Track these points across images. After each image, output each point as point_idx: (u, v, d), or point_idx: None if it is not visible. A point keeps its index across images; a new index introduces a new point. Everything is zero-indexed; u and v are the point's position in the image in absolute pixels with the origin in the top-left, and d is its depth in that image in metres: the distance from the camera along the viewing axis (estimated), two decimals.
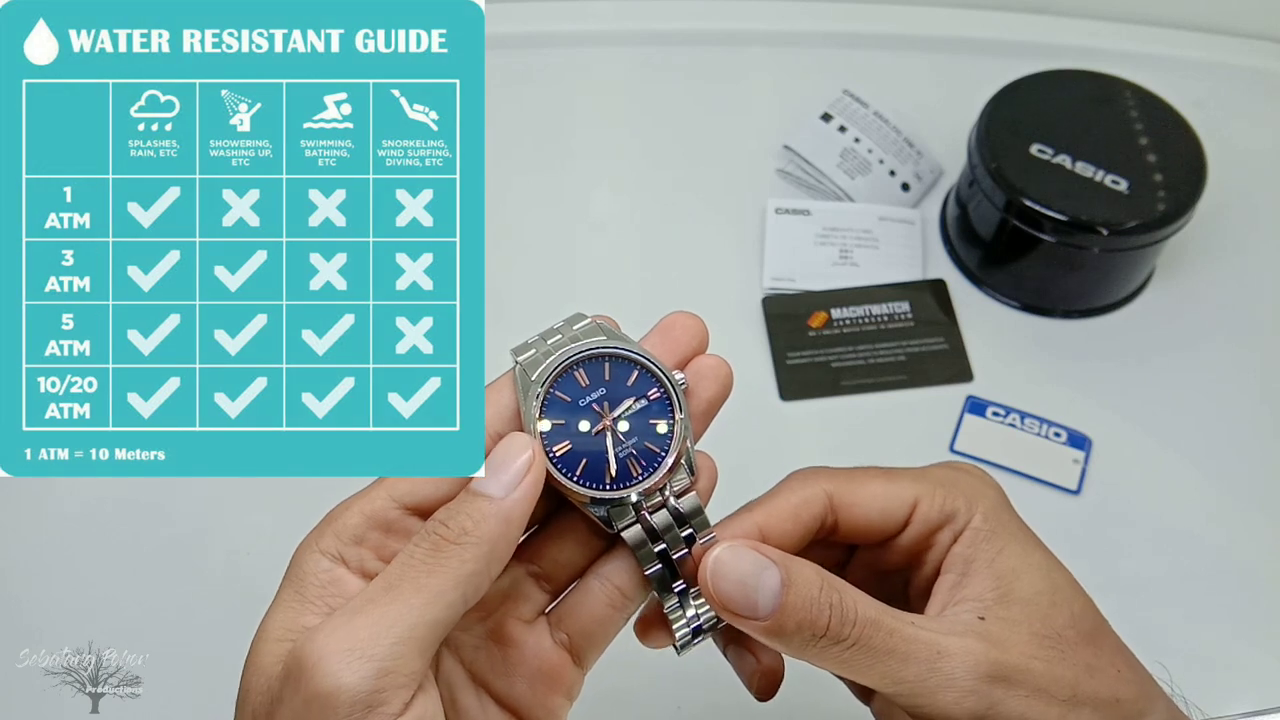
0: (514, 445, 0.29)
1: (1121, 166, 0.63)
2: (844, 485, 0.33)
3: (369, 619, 0.26)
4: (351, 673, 0.25)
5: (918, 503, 0.32)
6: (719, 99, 0.77)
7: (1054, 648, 0.30)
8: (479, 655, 0.31)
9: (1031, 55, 0.73)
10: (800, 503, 0.32)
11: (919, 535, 0.32)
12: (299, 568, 0.29)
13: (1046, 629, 0.30)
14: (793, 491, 0.33)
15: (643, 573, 0.31)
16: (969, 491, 0.33)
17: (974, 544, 0.32)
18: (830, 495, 0.32)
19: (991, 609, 0.30)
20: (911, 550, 0.33)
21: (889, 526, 0.33)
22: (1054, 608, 0.31)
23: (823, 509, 0.32)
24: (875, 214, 0.69)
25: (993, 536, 0.32)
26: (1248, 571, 0.57)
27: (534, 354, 0.31)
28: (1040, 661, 0.30)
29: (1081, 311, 0.66)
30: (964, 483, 0.33)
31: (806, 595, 0.29)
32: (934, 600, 0.32)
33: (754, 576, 0.29)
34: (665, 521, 0.31)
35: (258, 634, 0.28)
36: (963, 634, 0.30)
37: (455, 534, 0.27)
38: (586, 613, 0.32)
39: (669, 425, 0.31)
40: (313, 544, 0.29)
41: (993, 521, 0.32)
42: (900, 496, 0.32)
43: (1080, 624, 0.31)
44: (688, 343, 0.32)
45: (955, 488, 0.33)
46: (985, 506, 0.32)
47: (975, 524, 0.32)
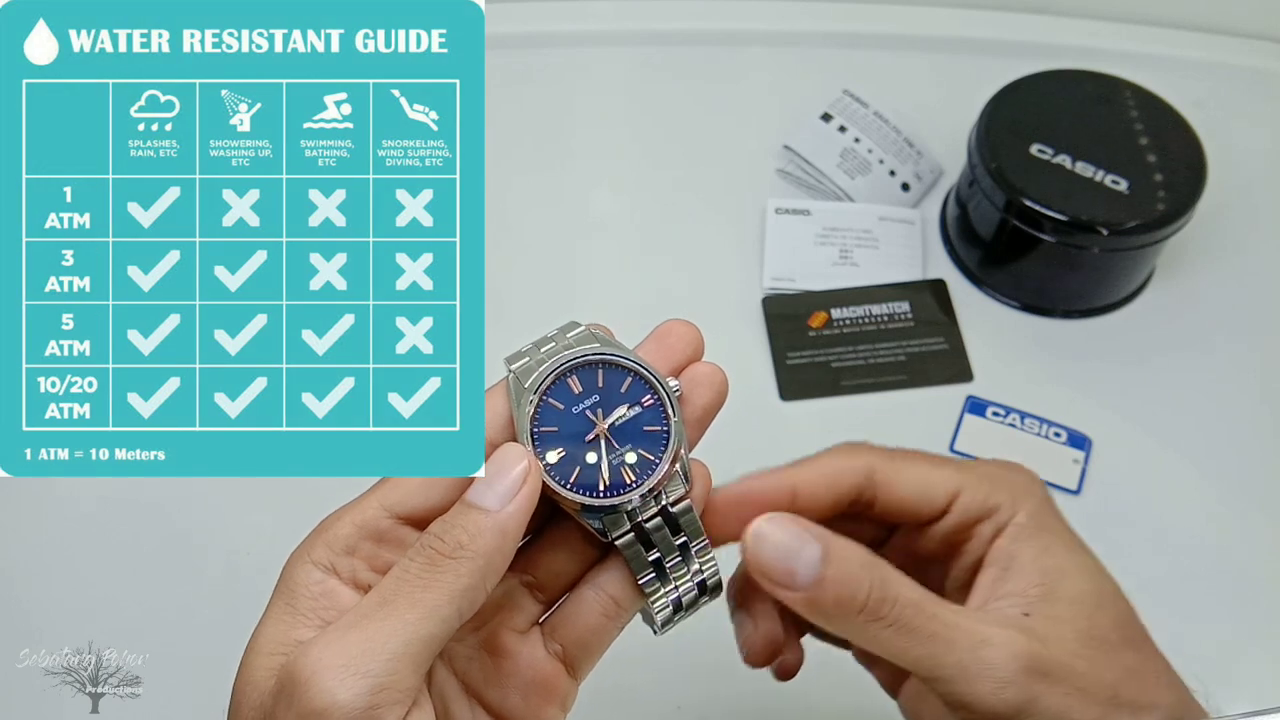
0: (509, 456, 0.28)
1: (1121, 166, 0.63)
2: (886, 462, 0.32)
3: (364, 634, 0.26)
4: (346, 689, 0.25)
5: (960, 492, 0.32)
6: (719, 99, 0.77)
7: (1098, 648, 0.30)
8: (472, 666, 0.31)
9: (1031, 55, 0.72)
10: (838, 470, 0.32)
11: (958, 524, 0.32)
12: (290, 579, 0.28)
13: (1091, 629, 0.30)
14: (834, 458, 0.32)
15: (637, 581, 0.31)
16: (1014, 488, 0.32)
17: (1018, 540, 0.31)
18: (873, 470, 0.32)
19: (1036, 605, 0.30)
20: (949, 539, 0.33)
21: (927, 510, 0.32)
22: (1099, 609, 0.31)
23: (860, 481, 0.32)
24: (875, 214, 0.69)
25: (1038, 534, 0.31)
26: (1248, 571, 0.57)
27: (527, 362, 0.31)
28: (1083, 660, 0.29)
29: (1081, 311, 0.66)
30: (1009, 479, 0.33)
31: (847, 571, 0.29)
32: (975, 594, 0.31)
33: (795, 548, 0.29)
34: (659, 529, 0.30)
35: (249, 646, 0.28)
36: (1006, 625, 0.29)
37: (451, 548, 0.27)
38: (580, 622, 0.31)
39: (663, 433, 0.30)
40: (304, 555, 0.29)
41: (1038, 520, 0.32)
42: (942, 482, 0.32)
43: (1124, 628, 0.31)
44: (683, 350, 0.32)
45: (1000, 483, 0.32)
46: (1031, 505, 0.32)
47: (1019, 520, 0.32)
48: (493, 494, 0.28)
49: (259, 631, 0.28)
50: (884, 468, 0.32)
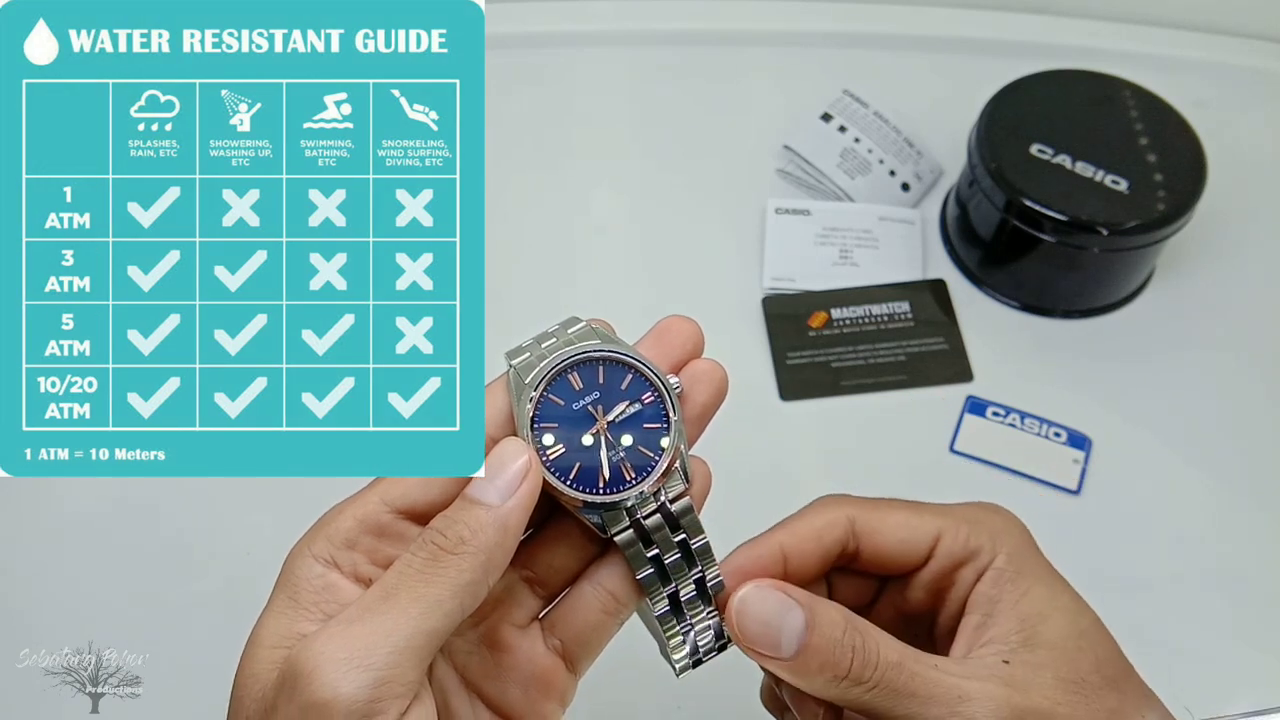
0: (509, 450, 0.28)
1: (1121, 166, 0.63)
2: (867, 512, 0.33)
3: (366, 628, 0.26)
4: (349, 682, 0.25)
5: (940, 537, 0.32)
6: (719, 99, 0.77)
7: (1078, 693, 0.30)
8: (471, 660, 0.31)
9: (1031, 55, 0.73)
10: (824, 525, 0.32)
11: (941, 570, 0.32)
12: (292, 573, 0.28)
13: (1072, 674, 0.30)
14: (817, 515, 0.33)
15: (635, 578, 0.31)
16: (993, 530, 0.33)
17: (998, 584, 0.32)
18: (853, 521, 0.33)
19: (1016, 652, 0.30)
20: (934, 587, 0.33)
21: (910, 557, 0.33)
22: (1079, 652, 0.31)
23: (844, 533, 0.33)
24: (875, 214, 0.69)
25: (1018, 577, 0.32)
26: (1247, 571, 0.57)
27: (528, 357, 0.31)
28: (1064, 707, 0.29)
29: (1081, 311, 0.66)
30: (988, 521, 0.33)
31: (830, 637, 0.29)
32: (958, 642, 0.32)
33: (778, 617, 0.29)
34: (658, 526, 0.31)
35: (251, 639, 0.28)
36: (985, 678, 0.30)
37: (453, 543, 0.27)
38: (580, 618, 0.32)
39: (663, 430, 0.30)
40: (305, 549, 0.29)
41: (1017, 562, 0.32)
42: (923, 528, 0.32)
43: (1105, 669, 0.31)
44: (682, 346, 0.32)
45: (979, 525, 0.33)
46: (1010, 546, 0.32)
47: (999, 564, 0.32)
48: (493, 489, 0.28)
49: (261, 624, 0.28)
50: (865, 518, 0.33)
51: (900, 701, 0.29)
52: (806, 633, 0.29)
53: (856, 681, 0.29)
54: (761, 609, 0.30)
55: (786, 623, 0.29)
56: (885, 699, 0.29)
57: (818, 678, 0.29)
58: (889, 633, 0.31)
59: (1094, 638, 0.31)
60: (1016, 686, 0.29)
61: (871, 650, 0.29)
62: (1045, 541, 0.33)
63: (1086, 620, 0.32)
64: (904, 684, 0.29)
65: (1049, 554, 0.33)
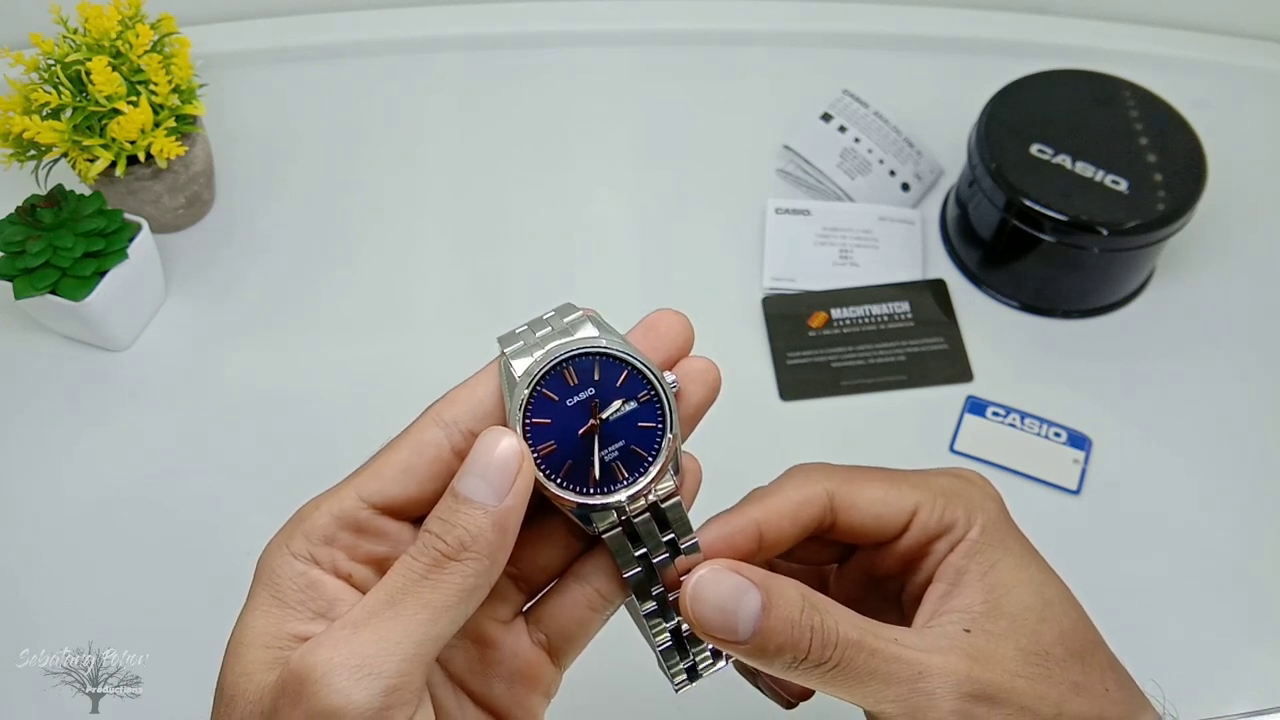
0: (501, 446, 0.28)
1: (1121, 166, 0.63)
2: (845, 486, 0.32)
3: (374, 634, 0.26)
4: (361, 690, 0.25)
5: (917, 510, 0.32)
6: (719, 99, 0.77)
7: (1040, 664, 0.30)
8: (456, 655, 0.31)
9: (1031, 55, 0.73)
10: (801, 501, 0.32)
11: (916, 543, 0.32)
12: (271, 571, 0.28)
13: (1034, 645, 0.30)
14: (795, 489, 0.32)
15: (622, 575, 0.31)
16: (969, 503, 0.32)
17: (969, 555, 0.31)
18: (831, 495, 0.32)
19: (978, 621, 0.30)
20: (908, 556, 0.33)
21: (886, 531, 0.32)
22: (1043, 623, 0.30)
23: (822, 509, 0.32)
24: (875, 214, 0.69)
25: (988, 549, 0.31)
26: (1247, 571, 0.57)
27: (521, 345, 0.30)
28: (1024, 680, 0.29)
29: (1081, 311, 0.66)
30: (966, 493, 0.33)
31: (787, 618, 0.29)
32: (922, 609, 0.31)
33: (734, 600, 0.29)
34: (647, 525, 0.30)
35: (238, 639, 0.28)
36: (946, 651, 0.29)
37: (454, 549, 0.27)
38: (565, 614, 0.31)
39: (657, 429, 0.30)
40: (282, 545, 0.28)
41: (990, 534, 0.32)
42: (900, 503, 0.32)
43: (1069, 641, 0.31)
44: (672, 341, 0.31)
45: (956, 498, 0.32)
46: (985, 519, 0.32)
47: (972, 536, 0.32)
48: (488, 487, 0.27)
49: (246, 623, 0.28)
50: (842, 491, 0.32)
51: (860, 681, 0.29)
52: (763, 615, 0.28)
53: (816, 662, 0.29)
54: (716, 593, 0.29)
55: (742, 605, 0.29)
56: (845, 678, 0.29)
57: (776, 659, 0.29)
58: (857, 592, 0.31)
59: (1059, 609, 0.31)
60: (977, 658, 0.29)
61: (831, 629, 0.29)
62: (1045, 541, 0.33)
63: (1052, 591, 0.31)
64: (864, 663, 0.29)
65: (1049, 554, 0.33)
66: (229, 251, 0.68)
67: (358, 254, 0.68)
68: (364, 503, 0.29)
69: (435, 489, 0.29)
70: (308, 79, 0.76)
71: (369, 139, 0.74)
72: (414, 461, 0.29)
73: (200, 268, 0.67)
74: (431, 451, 0.29)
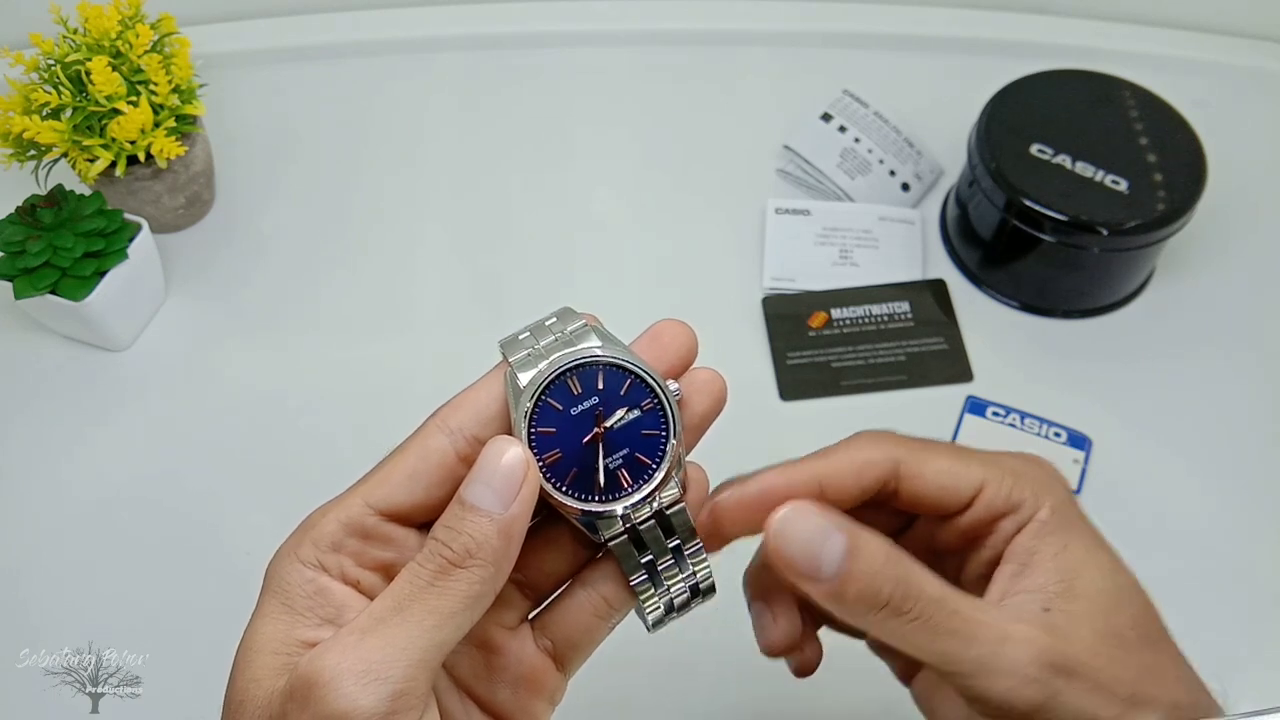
0: (507, 454, 0.28)
1: (1121, 166, 0.63)
2: (913, 454, 0.32)
3: (382, 640, 0.26)
4: (368, 695, 0.25)
5: (984, 486, 0.32)
6: (719, 99, 0.77)
7: (1117, 646, 0.30)
8: (462, 660, 0.31)
9: (1031, 55, 0.73)
10: (865, 463, 0.32)
11: (980, 519, 0.32)
12: (281, 578, 0.28)
13: (1109, 626, 0.30)
14: (860, 450, 0.32)
15: (628, 582, 0.31)
16: (1037, 484, 0.32)
17: (1039, 536, 0.31)
18: (897, 462, 0.32)
19: (1054, 601, 0.30)
20: (970, 533, 0.32)
21: (951, 504, 0.32)
22: (1117, 606, 0.30)
23: (886, 473, 0.32)
24: (875, 214, 0.69)
25: (1059, 531, 0.31)
26: (1248, 571, 0.57)
27: (526, 355, 0.30)
28: (1102, 659, 0.29)
29: (1081, 311, 0.66)
30: (1034, 474, 0.32)
31: (871, 565, 0.28)
32: (993, 587, 0.31)
33: (819, 540, 0.28)
34: (653, 532, 0.30)
35: (248, 645, 0.28)
36: (1028, 621, 0.29)
37: (460, 556, 0.27)
38: (571, 620, 0.31)
39: (661, 437, 0.30)
40: (291, 553, 0.29)
41: (1060, 516, 0.32)
42: (967, 477, 0.32)
43: (1141, 626, 0.31)
44: (676, 351, 0.31)
45: (1024, 478, 0.32)
46: (1054, 501, 0.32)
47: (1041, 516, 0.31)
48: (494, 494, 0.28)
49: (255, 630, 0.28)
50: (910, 459, 0.32)
51: (939, 637, 0.28)
52: (848, 558, 0.28)
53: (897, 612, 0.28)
54: (802, 530, 0.28)
55: (827, 547, 0.28)
56: (923, 633, 0.28)
57: (856, 605, 0.28)
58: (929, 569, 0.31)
59: (1131, 594, 0.31)
60: (1057, 634, 0.29)
61: (915, 583, 0.29)
62: None
63: (1124, 578, 0.31)
64: (944, 620, 0.28)
65: None
66: (229, 251, 0.68)
67: (358, 254, 0.68)
68: (371, 509, 0.29)
69: (442, 495, 0.29)
70: (308, 79, 0.76)
71: (369, 139, 0.74)
72: (420, 468, 0.29)
73: (200, 268, 0.67)
74: (437, 458, 0.29)
